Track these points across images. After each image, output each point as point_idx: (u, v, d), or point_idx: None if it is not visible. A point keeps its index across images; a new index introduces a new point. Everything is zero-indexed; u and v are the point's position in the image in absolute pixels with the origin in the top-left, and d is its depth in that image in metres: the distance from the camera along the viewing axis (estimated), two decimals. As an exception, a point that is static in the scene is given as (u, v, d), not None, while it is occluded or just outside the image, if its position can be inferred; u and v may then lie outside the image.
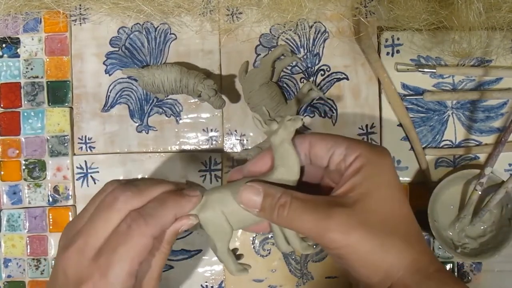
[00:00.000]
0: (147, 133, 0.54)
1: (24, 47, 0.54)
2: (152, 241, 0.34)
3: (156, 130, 0.54)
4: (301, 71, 0.53)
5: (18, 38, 0.54)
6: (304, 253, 0.37)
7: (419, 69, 0.52)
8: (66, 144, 0.54)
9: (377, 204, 0.33)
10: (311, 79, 0.53)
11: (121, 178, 0.53)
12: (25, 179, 0.54)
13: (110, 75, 0.54)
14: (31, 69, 0.54)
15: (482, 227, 0.52)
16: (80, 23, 0.54)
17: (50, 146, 0.54)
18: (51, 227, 0.53)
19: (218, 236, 0.36)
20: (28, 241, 0.54)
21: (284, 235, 0.37)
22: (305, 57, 0.53)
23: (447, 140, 0.53)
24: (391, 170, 0.35)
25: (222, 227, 0.36)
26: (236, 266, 0.37)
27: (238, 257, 0.38)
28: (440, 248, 0.53)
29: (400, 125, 0.53)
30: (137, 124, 0.54)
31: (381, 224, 0.33)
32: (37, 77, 0.54)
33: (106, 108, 0.54)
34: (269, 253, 0.53)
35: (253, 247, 0.53)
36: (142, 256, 0.34)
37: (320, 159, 0.36)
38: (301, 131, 0.37)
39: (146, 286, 0.36)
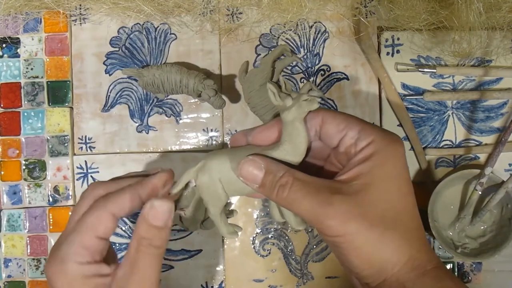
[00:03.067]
0: (147, 133, 0.54)
1: (24, 47, 0.54)
2: (109, 216, 0.33)
3: (156, 130, 0.54)
4: (301, 71, 0.53)
5: (18, 38, 0.54)
6: (297, 228, 0.37)
7: (419, 69, 0.52)
8: (66, 144, 0.54)
9: (380, 196, 0.32)
10: (311, 79, 0.53)
11: (121, 178, 0.53)
12: (25, 179, 0.54)
13: (110, 75, 0.54)
14: (31, 69, 0.54)
15: (482, 227, 0.52)
16: (80, 23, 0.54)
17: (50, 146, 0.54)
18: (51, 227, 0.53)
19: (212, 201, 0.36)
20: (28, 241, 0.54)
21: (278, 207, 0.36)
22: (305, 57, 0.53)
23: (447, 140, 0.53)
24: (401, 161, 0.34)
25: (217, 193, 0.35)
26: (228, 228, 0.37)
27: (231, 212, 0.38)
28: (440, 248, 0.53)
29: (400, 125, 0.53)
30: (137, 124, 0.54)
31: (381, 217, 0.32)
32: (37, 77, 0.54)
33: (106, 108, 0.54)
34: (269, 253, 0.53)
35: (253, 247, 0.53)
36: (98, 230, 0.33)
37: (331, 138, 0.35)
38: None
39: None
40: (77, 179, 0.54)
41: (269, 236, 0.53)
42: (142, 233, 0.33)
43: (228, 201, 0.39)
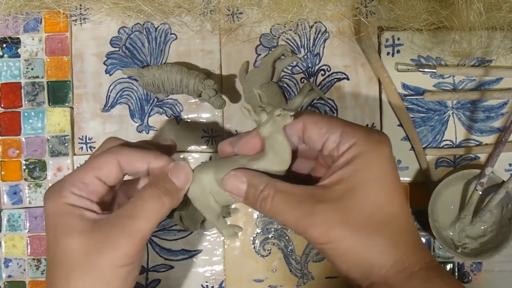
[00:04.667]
0: (147, 133, 0.54)
1: (25, 47, 0.54)
2: (117, 167, 0.35)
3: (156, 130, 0.54)
4: (301, 71, 0.53)
5: (19, 38, 0.54)
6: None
7: (420, 69, 0.52)
8: (66, 144, 0.54)
9: (364, 201, 0.32)
10: (312, 79, 0.53)
11: (121, 178, 0.53)
12: (25, 179, 0.54)
13: (110, 75, 0.54)
14: (32, 69, 0.54)
15: (482, 227, 0.52)
16: (81, 23, 0.54)
17: (50, 146, 0.54)
18: (51, 227, 0.53)
19: (207, 210, 0.37)
20: (28, 241, 0.54)
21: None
22: (305, 57, 0.53)
23: (447, 140, 0.53)
24: (386, 162, 0.33)
25: (209, 204, 0.36)
26: (227, 231, 0.38)
27: (233, 211, 0.38)
28: (440, 248, 0.53)
29: (401, 125, 0.53)
30: (137, 124, 0.54)
31: (366, 221, 0.32)
32: (37, 77, 0.54)
33: (106, 108, 0.54)
34: (270, 253, 0.53)
35: (253, 247, 0.53)
36: (100, 172, 0.34)
37: (314, 143, 0.35)
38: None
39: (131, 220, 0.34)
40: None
41: (269, 236, 0.53)
42: (159, 183, 0.35)
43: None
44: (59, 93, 0.54)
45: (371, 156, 0.33)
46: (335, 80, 0.53)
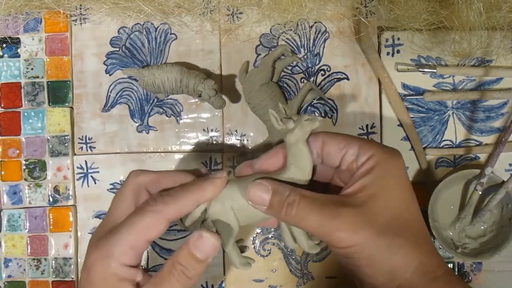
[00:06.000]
0: (147, 133, 0.54)
1: (25, 47, 0.54)
2: (164, 221, 0.34)
3: (156, 130, 0.54)
4: (301, 71, 0.53)
5: (19, 38, 0.54)
6: (311, 252, 0.37)
7: (420, 69, 0.52)
8: (66, 144, 0.54)
9: (386, 205, 0.33)
10: (312, 79, 0.53)
11: (121, 178, 0.53)
12: (25, 179, 0.54)
13: (110, 75, 0.54)
14: (32, 69, 0.54)
15: (482, 227, 0.52)
16: (81, 23, 0.54)
17: (50, 146, 0.54)
18: (51, 227, 0.53)
19: (225, 231, 0.36)
20: (28, 241, 0.54)
21: (291, 232, 0.37)
22: (305, 57, 0.53)
23: (447, 140, 0.53)
24: (402, 172, 0.35)
25: (230, 222, 0.36)
26: (240, 259, 0.37)
27: (243, 249, 0.38)
28: (440, 248, 0.53)
29: (400, 125, 0.53)
30: (137, 124, 0.54)
31: (388, 225, 0.33)
32: (37, 77, 0.54)
33: (106, 108, 0.54)
34: (270, 253, 0.53)
35: (254, 247, 0.53)
36: (151, 234, 0.33)
37: (333, 158, 0.36)
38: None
39: None
40: (77, 179, 0.54)
41: (269, 236, 0.53)
42: (181, 259, 0.34)
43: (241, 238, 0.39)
44: (59, 93, 0.54)
45: (388, 166, 0.34)
46: (335, 80, 0.53)
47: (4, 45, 0.54)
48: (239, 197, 0.35)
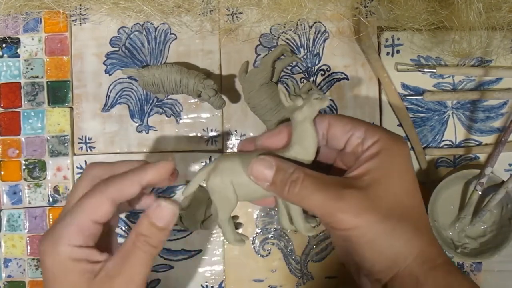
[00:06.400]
0: (147, 133, 0.54)
1: (24, 47, 0.54)
2: (108, 201, 0.34)
3: (156, 130, 0.54)
4: (301, 71, 0.53)
5: (18, 38, 0.54)
6: (307, 234, 0.37)
7: (419, 69, 0.52)
8: (66, 144, 0.54)
9: (390, 191, 0.33)
10: (311, 79, 0.53)
11: (121, 178, 0.53)
12: (25, 179, 0.54)
13: (110, 75, 0.54)
14: (31, 69, 0.54)
15: (482, 227, 0.52)
16: (80, 23, 0.54)
17: (50, 146, 0.54)
18: (51, 227, 0.53)
19: (222, 205, 0.36)
20: (28, 241, 0.54)
21: (288, 213, 0.36)
22: (305, 57, 0.53)
23: (447, 140, 0.53)
24: (407, 159, 0.35)
25: (228, 196, 0.35)
26: (235, 236, 0.37)
27: (238, 225, 0.38)
28: (440, 248, 0.53)
29: (400, 125, 0.53)
30: (137, 124, 0.54)
31: (392, 210, 0.32)
32: (37, 77, 0.54)
33: (106, 108, 0.54)
34: (269, 253, 0.53)
35: (253, 247, 0.53)
36: (96, 214, 0.34)
37: (338, 140, 0.35)
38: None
39: (120, 279, 0.34)
40: (77, 179, 0.53)
41: (269, 236, 0.53)
42: (142, 230, 0.34)
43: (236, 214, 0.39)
44: (58, 93, 0.54)
45: (394, 153, 0.34)
46: (335, 80, 0.53)
47: (3, 45, 0.54)
48: (240, 172, 0.35)
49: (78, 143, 0.54)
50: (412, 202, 0.34)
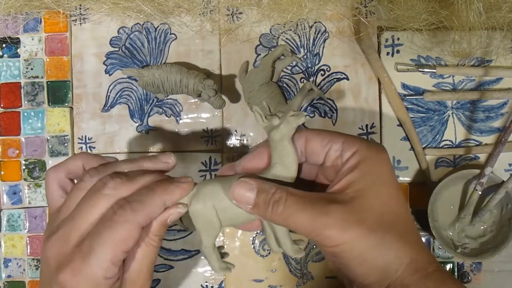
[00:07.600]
0: (147, 133, 0.54)
1: (24, 47, 0.54)
2: (138, 229, 0.33)
3: (156, 130, 0.54)
4: (301, 71, 0.53)
5: (18, 38, 0.54)
6: (296, 256, 0.36)
7: (419, 69, 0.52)
8: (66, 144, 0.54)
9: (374, 201, 0.32)
10: (311, 79, 0.53)
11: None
12: (25, 179, 0.54)
13: (110, 75, 0.54)
14: (31, 69, 0.54)
15: (482, 227, 0.52)
16: (80, 23, 0.54)
17: (50, 146, 0.54)
18: (51, 227, 0.53)
19: (206, 230, 0.35)
20: (28, 241, 0.54)
21: (275, 236, 0.35)
22: (305, 57, 0.53)
23: (447, 140, 0.53)
24: (388, 167, 0.34)
25: (211, 221, 0.35)
26: (220, 263, 0.36)
27: (223, 255, 0.37)
28: (440, 248, 0.53)
29: (400, 125, 0.53)
30: (137, 124, 0.54)
31: (378, 221, 0.32)
32: (37, 77, 0.54)
33: (106, 108, 0.54)
34: (269, 253, 0.53)
35: (253, 247, 0.53)
36: (128, 245, 0.33)
37: (316, 155, 0.35)
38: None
39: (134, 281, 0.35)
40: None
41: (269, 236, 0.53)
42: (155, 231, 0.35)
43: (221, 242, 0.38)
44: (58, 93, 0.54)
45: (374, 162, 0.33)
46: (335, 80, 0.53)
47: (4, 45, 0.54)
48: (222, 196, 0.34)
49: (78, 143, 0.54)
50: (399, 209, 0.33)
